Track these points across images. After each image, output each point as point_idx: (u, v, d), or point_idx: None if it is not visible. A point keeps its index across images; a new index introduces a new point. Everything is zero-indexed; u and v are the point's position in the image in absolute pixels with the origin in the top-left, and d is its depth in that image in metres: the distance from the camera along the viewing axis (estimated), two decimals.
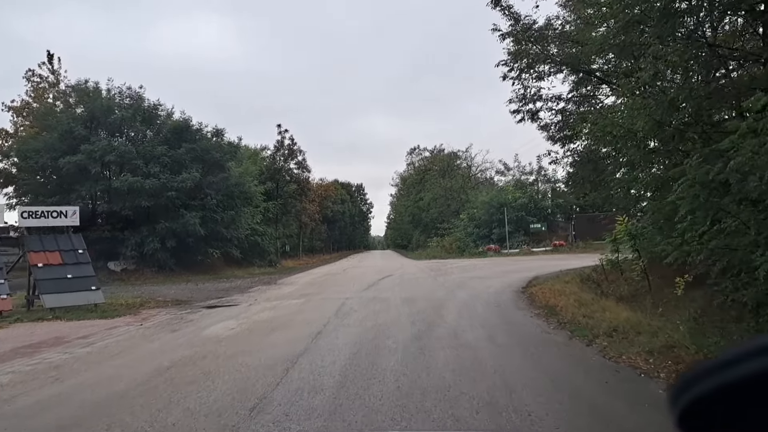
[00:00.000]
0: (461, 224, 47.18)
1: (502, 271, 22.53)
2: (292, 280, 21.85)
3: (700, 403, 0.77)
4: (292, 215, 44.29)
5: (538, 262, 27.36)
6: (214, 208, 27.80)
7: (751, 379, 0.69)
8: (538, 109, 15.49)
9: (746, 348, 0.70)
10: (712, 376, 0.74)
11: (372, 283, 18.57)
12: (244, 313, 11.86)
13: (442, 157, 64.82)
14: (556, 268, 22.31)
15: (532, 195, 44.48)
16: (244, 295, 16.48)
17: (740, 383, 0.71)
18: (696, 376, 0.78)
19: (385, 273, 23.91)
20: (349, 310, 11.58)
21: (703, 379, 0.76)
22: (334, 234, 71.77)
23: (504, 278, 18.66)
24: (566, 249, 38.86)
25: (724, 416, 0.75)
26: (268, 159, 41.67)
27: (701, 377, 0.77)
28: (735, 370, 0.71)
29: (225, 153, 29.82)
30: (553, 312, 10.34)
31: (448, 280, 18.74)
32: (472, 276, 20.37)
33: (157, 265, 27.09)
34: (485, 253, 40.00)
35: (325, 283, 20.02)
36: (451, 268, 26.26)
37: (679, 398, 0.79)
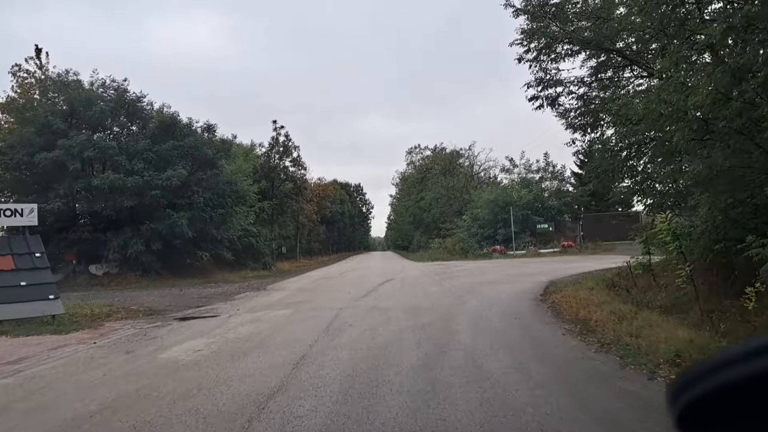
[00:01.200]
0: (464, 224, 45.40)
1: (512, 274, 20.77)
2: (283, 285, 20.08)
3: (699, 403, 0.78)
4: (288, 215, 42.53)
5: (549, 265, 25.62)
6: (203, 207, 26.05)
7: (750, 379, 0.70)
8: (558, 94, 13.74)
9: (745, 348, 0.72)
10: (711, 376, 0.75)
11: (371, 289, 16.81)
12: (219, 328, 10.09)
13: (443, 156, 63.05)
14: (570, 271, 20.66)
15: (539, 193, 42.65)
16: (228, 303, 14.72)
17: (739, 383, 0.71)
18: (695, 376, 0.79)
19: (386, 277, 22.16)
20: (343, 324, 9.81)
21: (703, 379, 0.77)
22: (333, 235, 70.00)
23: (516, 283, 16.92)
24: (575, 250, 37.12)
25: (724, 416, 0.76)
26: (262, 157, 39.92)
27: (701, 377, 0.77)
28: (734, 371, 0.72)
29: (217, 150, 28.07)
30: (589, 328, 8.59)
31: (454, 286, 16.98)
32: (480, 280, 18.61)
33: (141, 268, 25.36)
34: (490, 255, 38.22)
35: (319, 288, 18.25)
36: (456, 271, 24.50)
37: (679, 398, 0.80)
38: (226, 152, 28.96)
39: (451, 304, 12.18)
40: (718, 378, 0.74)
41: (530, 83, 13.65)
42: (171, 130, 26.61)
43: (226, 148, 28.88)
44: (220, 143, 28.48)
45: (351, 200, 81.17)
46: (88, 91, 25.51)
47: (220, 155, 28.16)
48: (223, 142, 28.67)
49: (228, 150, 29.05)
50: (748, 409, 0.73)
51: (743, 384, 0.71)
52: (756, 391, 0.71)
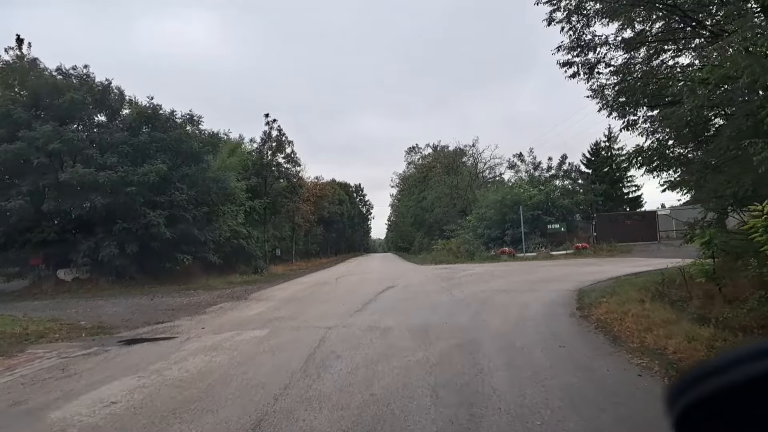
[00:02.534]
0: (469, 225, 42.85)
1: (529, 280, 18.26)
2: (269, 294, 17.51)
3: (697, 406, 0.77)
4: (283, 215, 39.96)
5: (567, 269, 23.12)
6: (185, 206, 23.48)
7: (748, 383, 0.70)
8: (597, 60, 11.15)
9: (744, 351, 0.72)
10: (709, 379, 0.75)
11: (369, 299, 14.27)
12: (164, 360, 7.55)
13: (446, 154, 60.49)
14: (594, 276, 18.26)
15: (550, 192, 40.09)
16: (194, 318, 12.17)
17: (738, 387, 0.71)
18: (693, 379, 0.78)
19: (386, 283, 19.62)
20: (329, 355, 7.29)
21: (701, 382, 0.76)
22: (332, 236, 67.42)
23: (539, 292, 14.42)
24: (590, 252, 34.58)
25: (722, 420, 0.76)
26: (254, 152, 37.39)
27: (699, 380, 0.77)
28: (733, 374, 0.72)
29: (203, 143, 25.55)
30: (670, 362, 6.13)
31: (466, 295, 14.44)
32: (495, 288, 16.09)
33: (115, 273, 22.85)
34: (498, 257, 35.67)
35: (309, 298, 15.68)
36: (464, 275, 21.96)
37: (677, 401, 0.79)
38: (213, 147, 26.40)
39: (469, 323, 9.64)
40: (716, 381, 0.74)
41: (563, 45, 11.09)
42: (152, 121, 24.11)
43: (214, 142, 26.30)
44: (207, 137, 25.94)
45: (350, 200, 78.58)
46: (54, 79, 22.97)
47: (207, 149, 25.67)
48: (210, 136, 26.11)
49: (215, 144, 26.47)
50: (746, 413, 0.73)
51: (741, 388, 0.71)
52: (754, 395, 0.71)
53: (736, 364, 0.72)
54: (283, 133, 37.83)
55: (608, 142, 71.41)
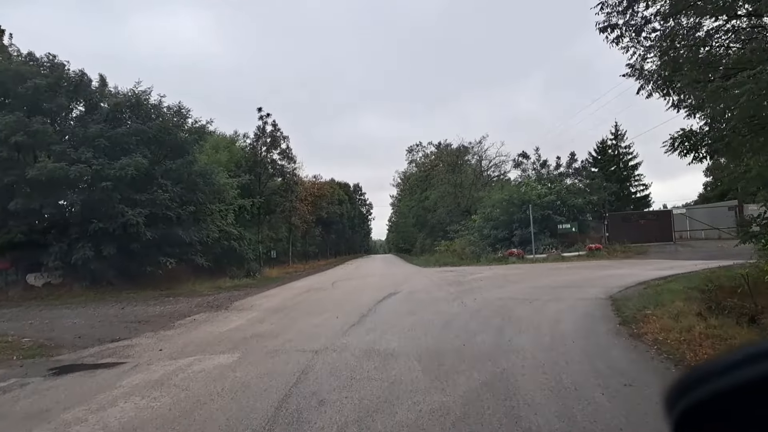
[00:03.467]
0: (475, 225, 40.81)
1: (548, 285, 16.26)
2: (254, 302, 15.43)
3: (697, 407, 0.77)
4: (279, 215, 37.89)
5: (584, 272, 21.12)
6: (168, 204, 21.46)
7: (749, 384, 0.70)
8: (645, 20, 9.09)
9: (744, 353, 0.73)
10: (709, 381, 0.75)
11: (367, 309, 12.24)
12: (85, 404, 5.51)
13: (449, 151, 58.41)
14: (620, 280, 16.35)
15: (560, 191, 38.03)
16: (158, 335, 10.13)
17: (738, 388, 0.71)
18: (693, 381, 0.78)
19: (388, 289, 17.60)
20: (309, 397, 5.28)
21: (701, 384, 0.76)
22: (331, 238, 65.37)
23: (564, 301, 12.44)
24: (604, 253, 32.50)
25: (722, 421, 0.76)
26: (248, 148, 35.36)
27: (699, 382, 0.77)
28: (733, 376, 0.72)
29: (191, 134, 23.56)
30: None
31: (482, 304, 12.42)
32: (512, 295, 14.09)
33: (90, 278, 20.85)
34: (506, 259, 33.61)
35: (298, 308, 13.58)
36: (474, 280, 19.94)
37: (677, 403, 0.79)
38: (200, 138, 24.27)
39: (494, 346, 7.60)
40: (716, 383, 0.73)
41: (603, 2, 9.03)
42: (136, 111, 22.13)
43: (201, 133, 24.19)
44: (195, 129, 23.89)
45: (350, 201, 76.51)
46: (19, 64, 20.95)
47: (195, 141, 23.67)
48: (200, 128, 24.03)
49: (201, 136, 24.37)
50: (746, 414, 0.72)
51: (742, 389, 0.71)
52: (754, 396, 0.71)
53: (735, 366, 0.71)
54: (277, 128, 35.89)
55: (615, 140, 69.44)
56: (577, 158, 56.54)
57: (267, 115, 35.67)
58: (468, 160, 58.38)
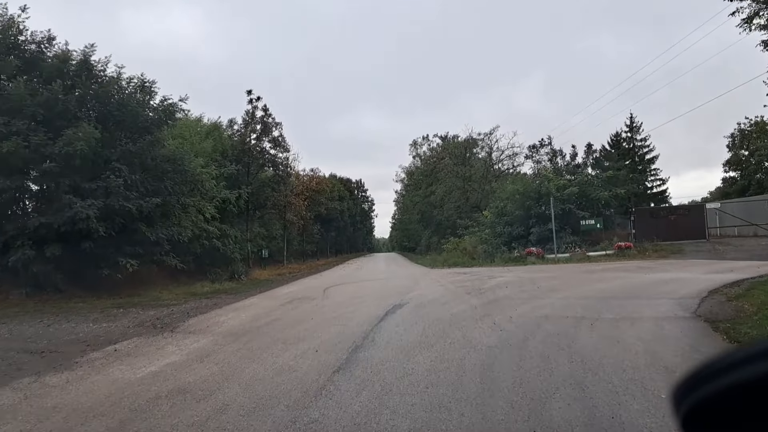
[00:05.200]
0: (486, 221, 37.15)
1: (596, 296, 12.63)
2: (214, 319, 11.66)
3: (705, 404, 0.76)
4: (270, 210, 34.10)
5: (626, 276, 17.55)
6: (125, 193, 17.82)
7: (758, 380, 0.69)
8: None
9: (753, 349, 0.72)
10: (718, 377, 0.73)
11: (360, 338, 8.54)
12: None
13: (456, 144, 54.67)
14: (684, 287, 13.17)
15: (581, 182, 34.30)
16: (23, 387, 6.50)
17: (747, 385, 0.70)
18: (701, 377, 0.76)
19: (391, 298, 13.95)
20: None
21: (709, 380, 0.75)
22: (331, 235, 61.63)
23: (639, 323, 8.88)
24: (634, 253, 28.78)
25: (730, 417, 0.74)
26: (236, 136, 31.67)
27: (707, 378, 0.75)
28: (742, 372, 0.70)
29: (158, 113, 19.92)
30: None
31: (524, 327, 8.78)
32: (557, 311, 10.47)
33: (32, 283, 17.28)
34: (524, 260, 29.92)
35: (267, 332, 9.71)
36: (495, 286, 16.29)
37: (684, 399, 0.78)
38: (168, 118, 20.53)
39: None
40: (725, 379, 0.72)
41: None
42: (84, 79, 18.41)
43: (170, 113, 20.45)
44: (163, 107, 20.15)
45: (351, 197, 72.72)
46: None
47: (162, 121, 20.03)
48: (167, 107, 20.25)
49: (171, 115, 20.61)
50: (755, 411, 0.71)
51: (751, 385, 0.69)
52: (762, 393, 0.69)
53: (742, 363, 0.69)
54: (269, 113, 32.16)
55: (630, 132, 65.61)
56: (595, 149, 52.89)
57: (257, 98, 32.00)
58: (476, 153, 54.72)
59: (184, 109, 21.26)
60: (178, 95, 20.52)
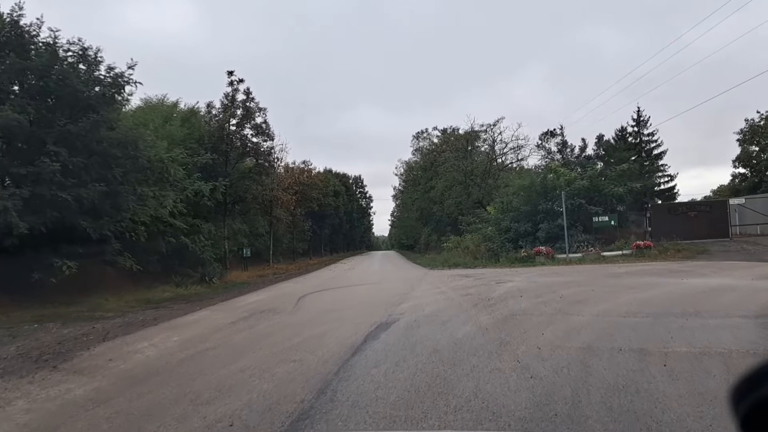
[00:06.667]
0: (490, 217, 34.15)
1: (641, 311, 9.64)
2: (130, 347, 8.38)
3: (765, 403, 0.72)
4: (251, 203, 30.90)
5: (661, 282, 14.60)
6: (61, 180, 14.76)
7: None
8: None
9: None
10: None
11: (323, 379, 5.60)
12: None
13: (458, 137, 51.58)
14: (741, 296, 9.99)
15: (593, 176, 31.26)
16: None
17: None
18: (761, 375, 0.73)
19: (377, 313, 10.96)
20: None
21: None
22: (325, 233, 58.50)
23: (710, 349, 5.85)
24: (655, 252, 25.79)
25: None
26: (213, 122, 28.55)
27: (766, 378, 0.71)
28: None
29: (104, 87, 16.85)
30: None
31: (567, 370, 5.81)
32: (601, 335, 7.51)
33: None
34: (532, 260, 26.93)
35: (184, 373, 6.48)
36: (507, 294, 13.30)
37: (744, 399, 0.74)
38: (118, 93, 17.42)
39: None
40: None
41: None
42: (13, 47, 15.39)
43: (119, 88, 17.31)
44: (110, 81, 17.03)
45: (348, 193, 69.55)
46: None
47: (110, 97, 16.97)
48: (115, 78, 17.12)
49: (120, 90, 17.44)
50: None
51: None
52: None
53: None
54: (251, 96, 29.03)
55: (637, 126, 62.55)
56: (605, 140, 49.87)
57: (239, 81, 28.87)
58: (479, 146, 51.68)
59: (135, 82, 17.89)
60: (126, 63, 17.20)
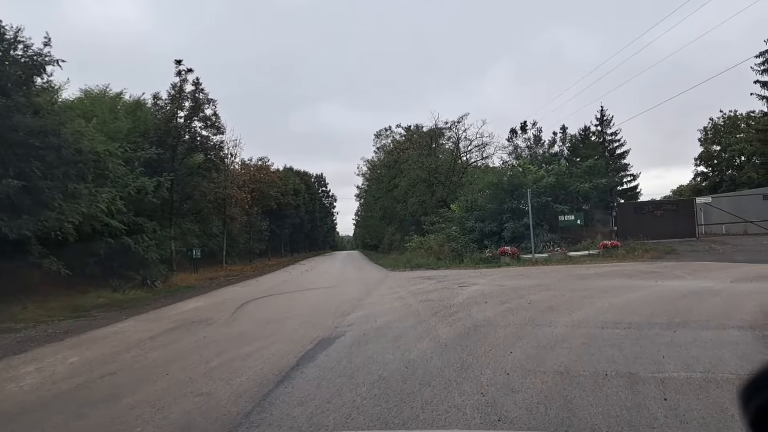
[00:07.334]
0: (455, 216, 33.07)
1: (612, 317, 8.49)
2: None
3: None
4: (198, 202, 29.01)
5: (626, 282, 13.69)
6: None
7: None
8: None
9: None
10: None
11: (243, 412, 4.20)
12: None
13: (421, 134, 50.44)
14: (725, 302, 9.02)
15: (560, 173, 30.44)
16: None
17: None
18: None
19: (322, 324, 9.55)
20: None
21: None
22: (285, 233, 56.65)
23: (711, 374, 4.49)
24: (622, 252, 25.05)
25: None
26: (159, 114, 26.58)
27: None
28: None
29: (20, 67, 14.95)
30: None
31: (542, 406, 4.52)
32: (584, 357, 6.27)
33: None
34: (497, 260, 25.87)
35: (35, 424, 5.19)
36: (471, 299, 12.07)
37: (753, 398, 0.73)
38: (37, 74, 15.53)
39: None
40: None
41: None
42: None
43: (38, 68, 15.37)
44: (27, 60, 15.13)
45: (309, 191, 67.71)
46: None
47: (26, 78, 15.11)
48: (32, 57, 15.18)
49: (39, 70, 15.51)
50: None
51: None
52: None
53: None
54: (201, 87, 27.16)
55: (600, 126, 62.67)
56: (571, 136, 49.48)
57: (188, 70, 27.00)
58: (443, 144, 50.69)
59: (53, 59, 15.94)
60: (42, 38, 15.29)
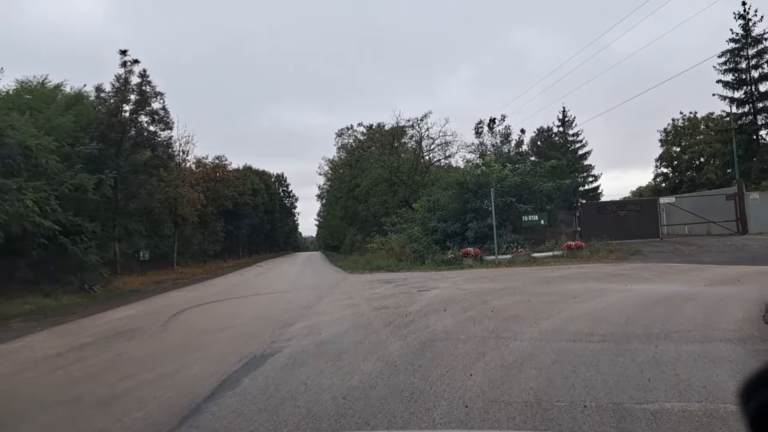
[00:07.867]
0: (417, 217, 32.15)
1: (583, 327, 7.58)
2: None
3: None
4: (144, 199, 27.23)
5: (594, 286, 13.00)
6: None
7: None
8: None
9: None
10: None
11: None
12: None
13: (383, 132, 49.46)
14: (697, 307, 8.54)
15: (524, 172, 29.82)
16: None
17: None
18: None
19: (260, 337, 8.41)
20: None
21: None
22: (242, 233, 54.86)
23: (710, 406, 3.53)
24: (586, 253, 24.51)
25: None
26: (102, 107, 24.82)
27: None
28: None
29: None
30: None
31: None
32: (556, 381, 5.29)
33: None
34: (460, 262, 25.02)
35: None
36: (428, 306, 11.05)
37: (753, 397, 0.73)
38: None
39: None
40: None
41: None
42: None
43: None
44: None
45: (269, 191, 65.91)
46: None
47: None
48: None
49: None
50: None
51: None
52: None
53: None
54: (147, 79, 25.51)
55: (562, 126, 62.91)
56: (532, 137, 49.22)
57: (134, 61, 25.31)
58: (406, 143, 49.85)
59: None
60: None
